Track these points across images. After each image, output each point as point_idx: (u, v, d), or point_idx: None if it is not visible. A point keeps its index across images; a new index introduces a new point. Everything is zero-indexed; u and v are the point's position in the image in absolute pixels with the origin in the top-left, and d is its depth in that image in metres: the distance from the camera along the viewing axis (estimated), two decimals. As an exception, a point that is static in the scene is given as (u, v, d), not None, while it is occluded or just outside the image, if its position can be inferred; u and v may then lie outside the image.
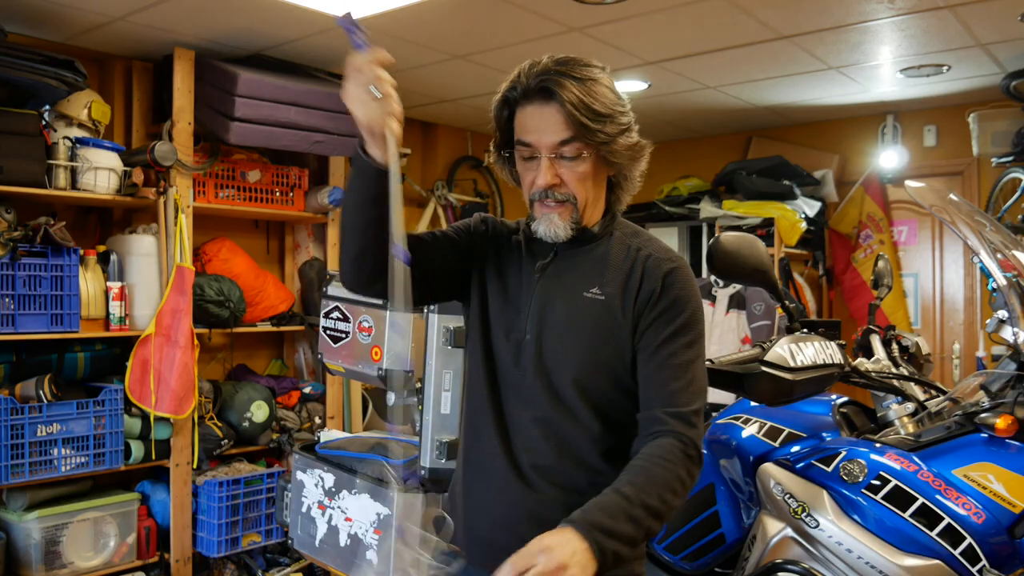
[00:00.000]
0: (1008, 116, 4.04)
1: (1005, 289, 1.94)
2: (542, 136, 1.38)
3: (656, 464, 1.32)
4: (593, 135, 1.36)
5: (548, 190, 1.40)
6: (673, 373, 1.39)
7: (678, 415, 1.36)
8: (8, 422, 3.00)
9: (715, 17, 3.21)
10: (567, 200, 1.41)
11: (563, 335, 1.42)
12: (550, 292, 1.45)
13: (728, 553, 2.16)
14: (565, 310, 1.43)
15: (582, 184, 1.41)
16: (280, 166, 3.97)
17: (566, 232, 1.42)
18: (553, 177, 1.39)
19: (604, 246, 1.47)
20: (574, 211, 1.42)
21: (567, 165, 1.39)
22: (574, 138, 1.36)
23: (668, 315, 1.40)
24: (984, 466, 1.77)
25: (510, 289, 1.49)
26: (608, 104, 1.38)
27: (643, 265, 1.43)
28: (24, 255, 3.07)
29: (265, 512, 3.63)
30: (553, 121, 1.36)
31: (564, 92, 1.34)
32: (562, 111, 1.35)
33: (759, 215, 4.65)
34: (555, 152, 1.38)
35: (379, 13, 3.12)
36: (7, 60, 2.91)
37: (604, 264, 1.45)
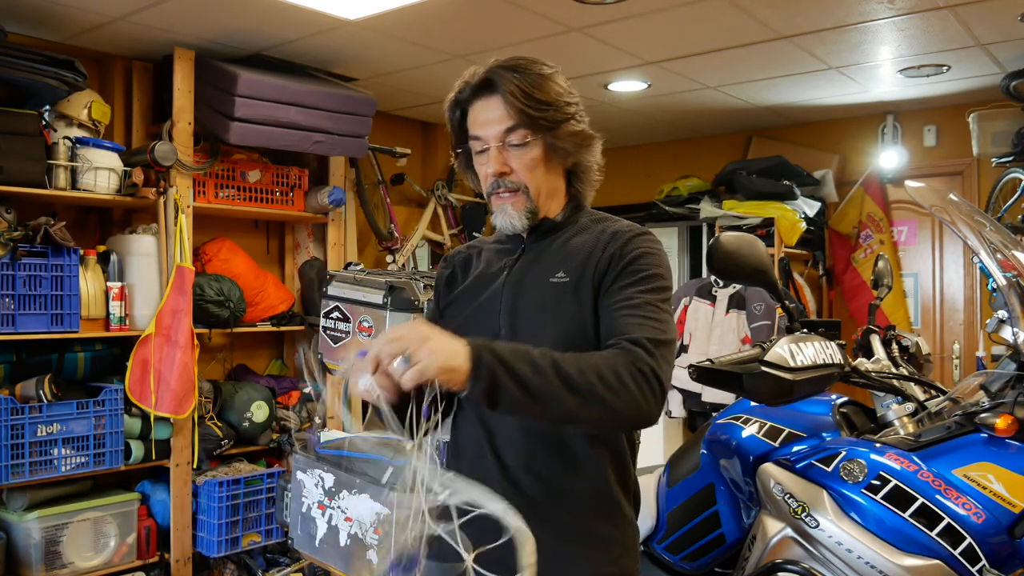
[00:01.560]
0: (1008, 116, 4.04)
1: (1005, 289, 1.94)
2: (489, 127, 1.43)
3: (591, 354, 1.26)
4: (536, 122, 1.39)
5: (498, 179, 1.44)
6: (631, 311, 1.33)
7: (630, 339, 1.28)
8: (8, 422, 3.00)
9: (715, 17, 3.21)
10: (518, 188, 1.44)
11: (534, 323, 1.42)
12: (519, 285, 1.46)
13: (728, 553, 2.16)
14: (534, 299, 1.44)
15: (531, 172, 1.44)
16: (280, 166, 3.97)
17: (522, 221, 1.45)
18: (502, 165, 1.43)
19: (569, 234, 1.49)
20: (527, 200, 1.44)
21: (515, 153, 1.42)
22: (517, 125, 1.40)
23: (629, 270, 1.38)
24: (984, 466, 1.77)
25: (479, 293, 1.51)
26: (552, 94, 1.41)
27: (606, 241, 1.43)
28: (24, 255, 3.07)
29: (265, 512, 3.63)
30: (498, 111, 1.41)
31: (505, 83, 1.40)
32: (504, 100, 1.40)
33: (759, 215, 4.65)
34: (502, 141, 1.42)
35: (379, 13, 3.12)
36: (7, 60, 2.91)
37: (570, 249, 1.46)
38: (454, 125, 1.51)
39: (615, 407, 1.21)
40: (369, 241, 4.69)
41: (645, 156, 5.49)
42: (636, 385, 1.23)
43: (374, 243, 4.68)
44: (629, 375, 1.23)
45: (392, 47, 3.58)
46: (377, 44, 3.54)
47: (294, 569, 3.71)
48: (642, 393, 1.23)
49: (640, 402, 1.24)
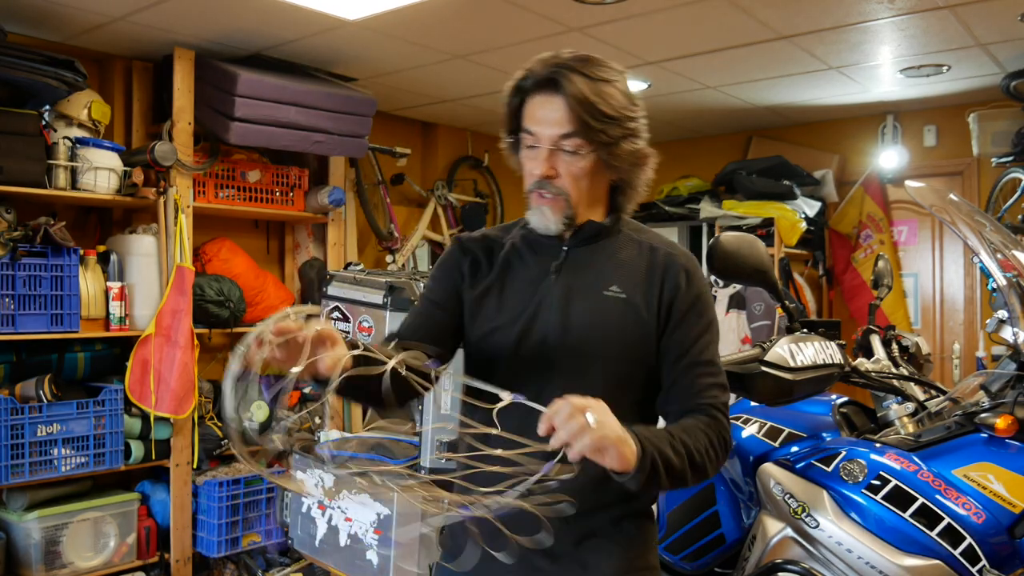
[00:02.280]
0: (1008, 116, 4.04)
1: (1005, 289, 1.93)
2: (545, 127, 1.37)
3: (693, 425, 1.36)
4: (595, 134, 1.35)
5: (543, 181, 1.39)
6: (705, 369, 1.41)
7: (715, 406, 1.39)
8: (8, 422, 3.00)
9: (715, 17, 3.21)
10: (560, 195, 1.40)
11: (594, 336, 1.40)
12: (569, 292, 1.43)
13: (728, 553, 2.16)
14: (588, 310, 1.41)
15: (576, 182, 1.40)
16: (280, 166, 3.97)
17: (557, 226, 1.42)
18: (549, 169, 1.38)
19: (614, 243, 1.47)
20: (566, 207, 1.41)
21: (565, 159, 1.38)
22: (575, 133, 1.35)
23: (694, 312, 1.42)
24: (984, 466, 1.77)
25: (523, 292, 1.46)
26: (616, 107, 1.36)
27: (661, 264, 1.44)
28: (24, 255, 3.07)
29: (265, 512, 3.63)
30: (557, 113, 1.36)
31: (571, 86, 1.33)
32: (567, 104, 1.34)
33: (759, 215, 4.65)
34: (555, 144, 1.37)
35: (379, 13, 3.12)
36: (7, 60, 2.91)
37: (618, 262, 1.45)
38: (511, 110, 1.44)
39: (709, 475, 1.36)
40: (369, 241, 4.69)
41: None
42: (723, 455, 1.38)
43: (374, 243, 4.68)
44: (722, 448, 1.37)
45: (392, 47, 3.58)
46: (377, 44, 3.54)
47: (294, 569, 3.71)
48: (722, 460, 1.38)
49: (719, 468, 1.39)
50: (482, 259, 1.51)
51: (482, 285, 1.49)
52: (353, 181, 4.42)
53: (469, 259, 1.52)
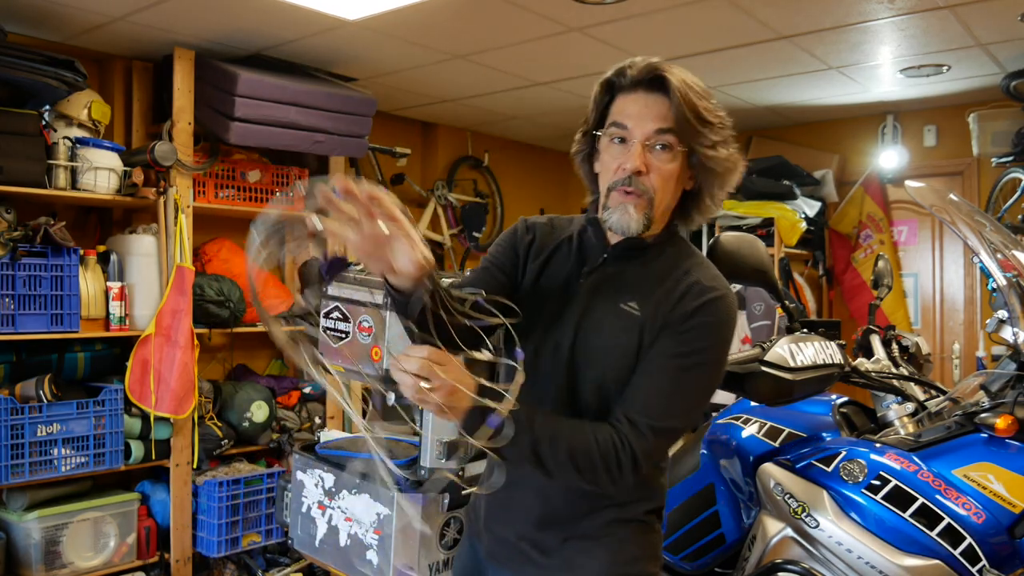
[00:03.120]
0: (1008, 116, 4.04)
1: (1005, 289, 1.94)
2: (642, 121, 1.36)
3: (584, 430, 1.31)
4: (692, 135, 1.35)
5: (632, 177, 1.36)
6: (655, 383, 1.34)
7: (632, 420, 1.31)
8: (8, 422, 3.00)
9: (715, 17, 3.21)
10: (646, 193, 1.37)
11: (595, 343, 1.40)
12: (591, 300, 1.43)
13: (728, 553, 2.16)
14: (603, 320, 1.40)
15: (665, 181, 1.38)
16: (280, 166, 3.97)
17: (638, 225, 1.38)
18: (642, 164, 1.36)
19: (654, 262, 1.43)
20: (649, 208, 1.38)
21: (658, 156, 1.36)
22: (673, 131, 1.35)
23: (685, 337, 1.34)
24: (984, 466, 1.77)
25: (555, 290, 1.47)
26: (714, 113, 1.37)
27: (685, 290, 1.37)
28: (24, 255, 3.07)
29: (265, 512, 3.63)
30: (657, 109, 1.35)
31: (679, 84, 1.34)
32: (670, 102, 1.34)
33: (759, 215, 4.65)
34: (649, 140, 1.36)
35: (379, 13, 3.12)
36: (7, 60, 2.91)
37: (648, 280, 1.41)
38: (598, 106, 1.43)
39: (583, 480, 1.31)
40: (369, 241, 4.68)
41: (645, 156, 5.52)
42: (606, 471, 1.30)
43: (374, 243, 4.68)
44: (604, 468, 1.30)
45: (392, 47, 3.58)
46: (377, 44, 3.54)
47: (294, 569, 3.71)
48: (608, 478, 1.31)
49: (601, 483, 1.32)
50: (537, 244, 1.52)
51: (533, 270, 1.50)
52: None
53: (529, 238, 1.52)
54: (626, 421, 1.31)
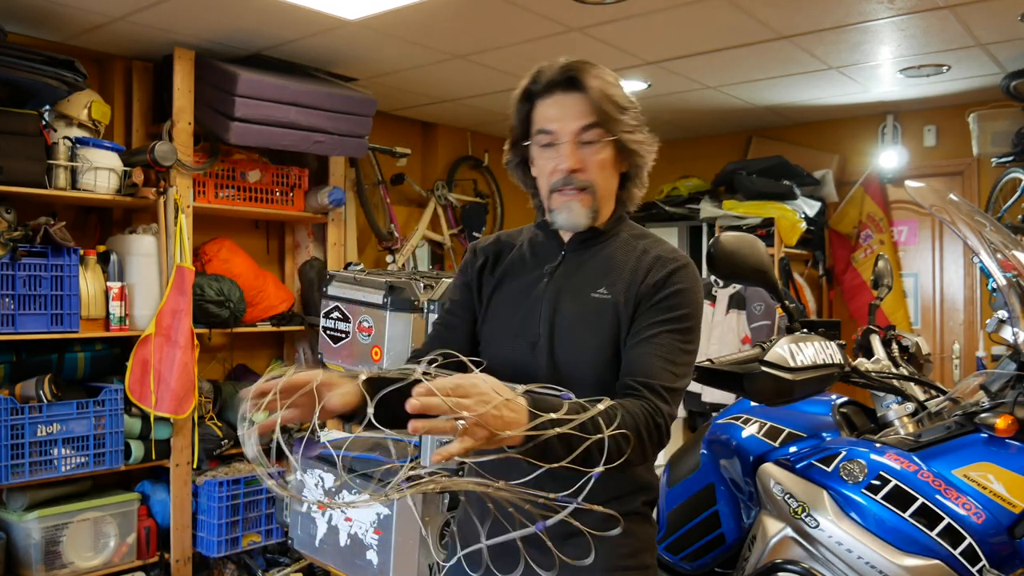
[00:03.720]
0: (1008, 116, 4.04)
1: (1005, 289, 1.93)
2: (565, 122, 1.42)
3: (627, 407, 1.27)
4: (615, 124, 1.41)
5: (569, 175, 1.42)
6: (654, 350, 1.36)
7: (648, 385, 1.32)
8: (8, 422, 3.00)
9: (715, 17, 3.21)
10: (587, 187, 1.43)
11: (575, 336, 1.42)
12: (560, 293, 1.46)
13: (728, 553, 2.16)
14: (575, 311, 1.43)
15: (601, 172, 1.44)
16: (280, 166, 3.97)
17: (586, 220, 1.44)
18: (577, 161, 1.42)
19: (611, 246, 1.48)
20: (593, 200, 1.44)
21: (589, 151, 1.42)
22: (597, 124, 1.40)
23: (664, 305, 1.39)
24: (984, 466, 1.77)
25: (518, 295, 1.50)
26: (625, 99, 1.44)
27: (650, 265, 1.43)
28: (24, 255, 3.07)
29: (265, 512, 3.63)
30: (577, 108, 1.41)
31: (590, 81, 1.40)
32: (587, 99, 1.40)
33: (759, 215, 4.65)
34: (577, 137, 1.41)
35: (379, 13, 3.12)
36: (7, 60, 2.91)
37: (611, 264, 1.45)
38: (521, 117, 1.49)
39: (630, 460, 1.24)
40: (369, 241, 4.69)
41: (645, 156, 5.53)
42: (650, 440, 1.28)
43: (374, 243, 4.68)
44: (647, 432, 1.27)
45: (392, 47, 3.58)
46: (377, 44, 3.54)
47: (294, 569, 3.71)
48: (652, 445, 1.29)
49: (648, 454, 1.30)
50: (491, 262, 1.57)
51: (489, 287, 1.55)
52: (353, 181, 4.42)
53: (479, 263, 1.58)
54: (642, 387, 1.32)
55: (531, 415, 1.11)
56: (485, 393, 1.08)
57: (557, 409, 1.13)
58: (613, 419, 1.19)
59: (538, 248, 1.53)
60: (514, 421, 1.09)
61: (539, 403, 1.13)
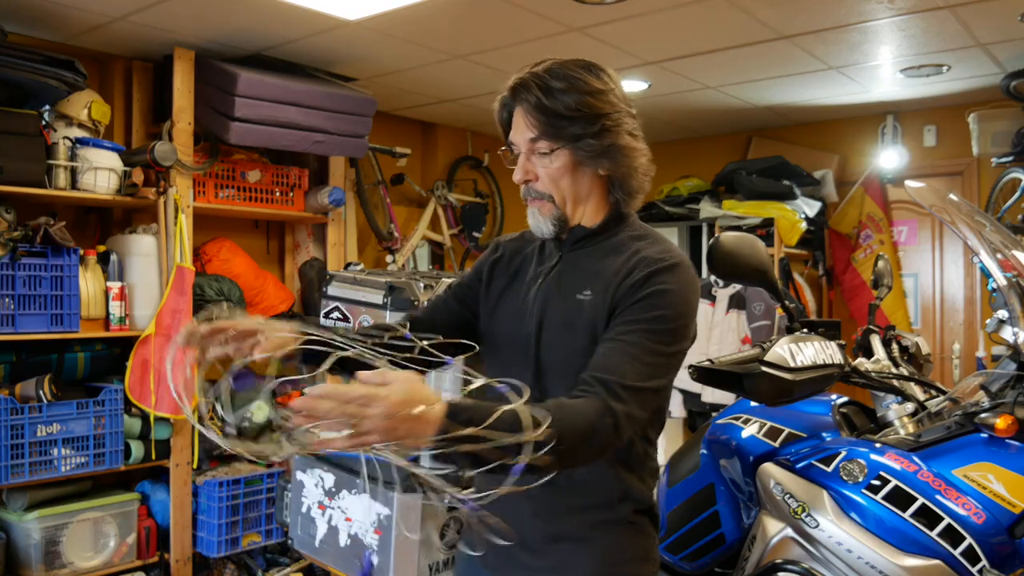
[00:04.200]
0: (1008, 116, 4.04)
1: (1005, 289, 1.93)
2: (518, 135, 1.45)
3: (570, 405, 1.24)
4: (559, 133, 1.40)
5: (526, 186, 1.46)
6: (620, 347, 1.31)
7: (603, 381, 1.26)
8: (8, 422, 3.00)
9: (715, 17, 3.21)
10: (543, 196, 1.45)
11: (557, 337, 1.43)
12: (550, 293, 1.47)
13: (728, 553, 2.16)
14: (560, 312, 1.44)
15: (555, 182, 1.44)
16: (280, 166, 3.97)
17: (548, 227, 1.47)
18: (525, 174, 1.45)
19: (606, 247, 1.47)
20: (554, 208, 1.45)
21: (539, 162, 1.44)
22: (539, 136, 1.41)
23: (640, 305, 1.34)
24: (984, 466, 1.77)
25: (519, 292, 1.53)
26: (577, 105, 1.38)
27: (634, 266, 1.39)
28: (24, 255, 3.07)
29: (265, 512, 3.63)
30: (522, 121, 1.43)
31: (524, 94, 1.41)
32: (524, 111, 1.42)
33: (759, 215, 4.65)
34: (530, 149, 1.44)
35: (379, 13, 3.12)
36: (7, 60, 2.91)
37: (601, 265, 1.44)
38: (503, 124, 1.53)
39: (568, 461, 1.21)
40: (369, 241, 4.69)
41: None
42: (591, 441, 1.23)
43: (374, 243, 4.68)
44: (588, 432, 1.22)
45: (392, 47, 3.58)
46: (377, 44, 3.54)
47: (294, 569, 3.71)
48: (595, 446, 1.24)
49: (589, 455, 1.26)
50: (506, 259, 1.60)
51: (498, 285, 1.57)
52: (353, 181, 4.42)
53: (494, 258, 1.61)
54: (597, 383, 1.27)
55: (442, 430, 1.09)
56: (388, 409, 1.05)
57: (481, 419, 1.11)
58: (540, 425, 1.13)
59: (544, 249, 1.55)
60: (414, 433, 1.08)
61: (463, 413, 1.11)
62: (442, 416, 1.10)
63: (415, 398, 1.07)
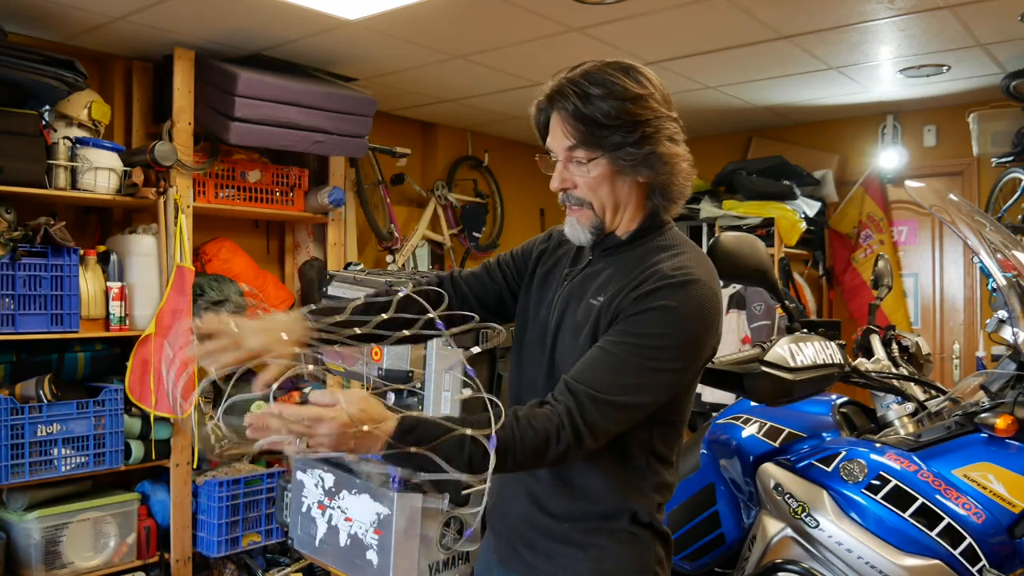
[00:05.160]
0: (1008, 116, 4.04)
1: (1005, 289, 1.94)
2: (555, 142, 1.42)
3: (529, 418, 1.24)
4: (598, 142, 1.36)
5: (564, 193, 1.44)
6: (602, 357, 1.29)
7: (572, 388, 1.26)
8: (8, 422, 3.00)
9: (715, 17, 3.21)
10: (582, 204, 1.43)
11: (570, 340, 1.43)
12: (567, 300, 1.47)
13: (728, 553, 2.16)
14: (575, 316, 1.44)
15: (594, 190, 1.41)
16: (280, 166, 3.97)
17: (586, 236, 1.44)
18: (562, 182, 1.42)
19: (631, 256, 1.43)
20: (593, 216, 1.42)
21: (577, 170, 1.41)
22: (577, 145, 1.38)
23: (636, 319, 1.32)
24: (984, 466, 1.77)
25: (547, 292, 1.53)
26: (618, 112, 1.35)
27: (645, 278, 1.35)
28: (24, 255, 3.07)
29: (265, 512, 3.63)
30: (560, 129, 1.40)
31: (563, 102, 1.37)
32: (561, 120, 1.39)
33: (759, 215, 4.65)
34: (568, 157, 1.41)
35: (379, 13, 3.12)
36: (7, 60, 2.91)
37: (620, 274, 1.41)
38: (540, 128, 1.49)
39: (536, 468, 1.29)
40: (369, 241, 4.69)
41: (645, 156, 5.52)
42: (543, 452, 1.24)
43: (374, 243, 4.68)
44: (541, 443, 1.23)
45: (392, 47, 3.58)
46: (377, 44, 3.54)
47: (294, 569, 3.71)
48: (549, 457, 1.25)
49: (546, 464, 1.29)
50: (551, 249, 1.59)
51: (541, 271, 1.57)
52: (353, 181, 4.42)
53: (544, 246, 1.60)
54: (566, 387, 1.27)
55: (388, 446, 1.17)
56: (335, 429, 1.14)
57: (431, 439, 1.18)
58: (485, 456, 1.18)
59: (579, 250, 1.53)
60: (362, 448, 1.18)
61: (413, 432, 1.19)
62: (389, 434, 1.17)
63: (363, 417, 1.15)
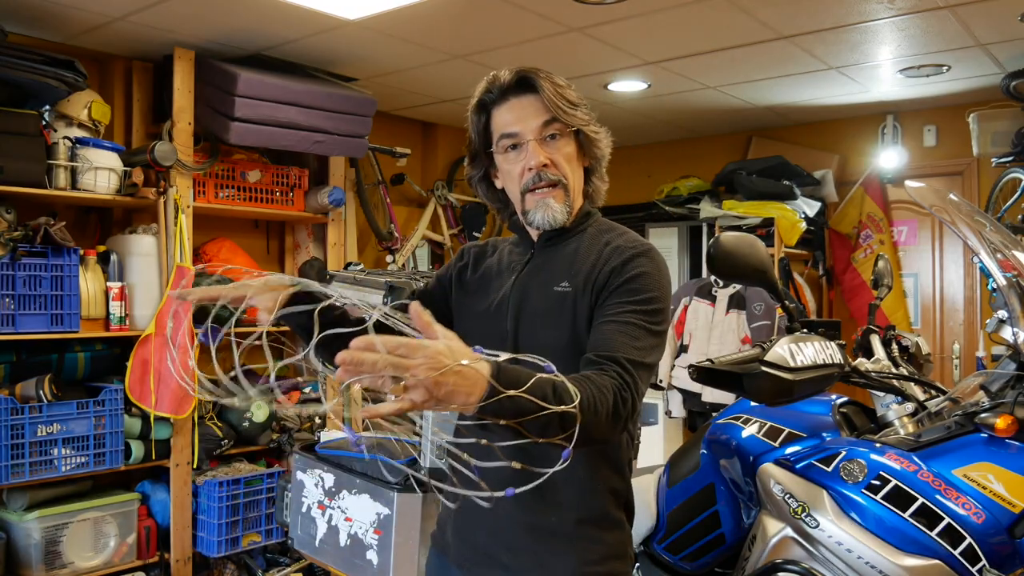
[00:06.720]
0: (1008, 116, 4.04)
1: (1005, 289, 1.93)
2: (527, 122, 1.46)
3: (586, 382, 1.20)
4: (572, 117, 1.45)
5: (540, 172, 1.45)
6: (618, 327, 1.33)
7: (614, 359, 1.28)
8: (8, 422, 3.00)
9: (715, 17, 3.21)
10: (559, 182, 1.46)
11: (537, 330, 1.44)
12: (526, 289, 1.48)
13: (728, 553, 2.16)
14: (539, 305, 1.45)
15: (570, 164, 1.47)
16: (280, 166, 3.97)
17: (563, 215, 1.47)
18: (544, 157, 1.45)
19: (577, 241, 1.49)
20: (566, 194, 1.47)
21: (554, 146, 1.46)
22: (555, 119, 1.44)
23: (625, 288, 1.37)
24: (984, 466, 1.77)
25: (489, 295, 1.54)
26: (575, 96, 1.48)
27: (609, 255, 1.43)
28: (24, 255, 3.07)
29: (265, 512, 3.63)
30: (533, 107, 1.45)
31: (542, 82, 1.45)
32: (541, 98, 1.44)
33: (759, 215, 4.65)
34: (541, 134, 1.45)
35: (379, 13, 3.12)
36: (7, 60, 2.91)
37: (575, 258, 1.46)
38: (478, 129, 1.55)
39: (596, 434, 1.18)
40: (369, 241, 4.69)
41: (645, 156, 5.47)
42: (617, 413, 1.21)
43: (374, 243, 4.68)
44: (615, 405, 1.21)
45: (392, 47, 3.58)
46: (377, 44, 3.54)
47: (294, 569, 3.71)
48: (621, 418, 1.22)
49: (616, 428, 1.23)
50: (471, 265, 1.61)
51: (467, 289, 1.59)
52: (353, 181, 4.42)
53: (461, 264, 1.63)
54: (608, 360, 1.28)
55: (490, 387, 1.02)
56: (432, 357, 0.97)
57: (523, 382, 1.05)
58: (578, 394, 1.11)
59: (512, 251, 1.57)
60: (462, 390, 1.00)
61: (505, 374, 1.05)
62: (489, 374, 1.03)
63: (457, 353, 1.00)
